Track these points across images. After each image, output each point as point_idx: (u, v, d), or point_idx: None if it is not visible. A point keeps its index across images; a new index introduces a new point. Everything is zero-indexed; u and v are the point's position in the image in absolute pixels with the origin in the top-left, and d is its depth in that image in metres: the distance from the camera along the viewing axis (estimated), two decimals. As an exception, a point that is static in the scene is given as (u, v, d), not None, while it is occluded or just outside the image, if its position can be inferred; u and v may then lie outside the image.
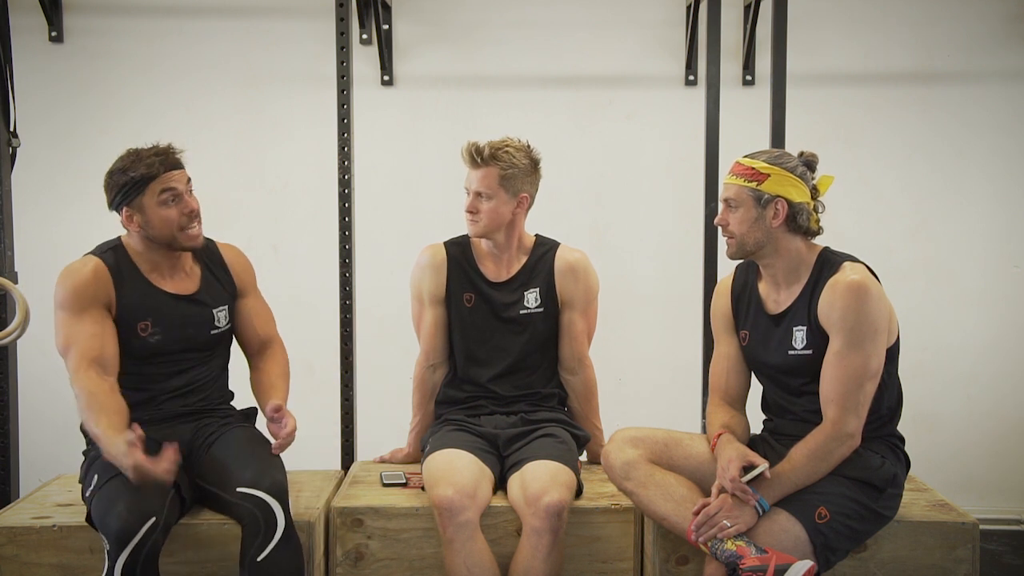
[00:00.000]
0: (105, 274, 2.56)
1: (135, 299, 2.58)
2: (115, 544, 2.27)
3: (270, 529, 2.40)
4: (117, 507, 2.30)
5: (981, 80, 4.09)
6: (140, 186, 2.53)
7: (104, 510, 2.33)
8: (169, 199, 2.55)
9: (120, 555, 2.26)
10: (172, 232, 2.57)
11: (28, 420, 3.39)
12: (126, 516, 2.27)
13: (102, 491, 2.39)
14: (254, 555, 2.40)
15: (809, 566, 2.25)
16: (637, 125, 4.15)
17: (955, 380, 4.16)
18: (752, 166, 2.48)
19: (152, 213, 2.55)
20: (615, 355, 3.71)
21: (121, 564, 2.26)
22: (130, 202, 2.55)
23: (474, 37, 4.15)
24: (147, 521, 2.28)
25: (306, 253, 4.14)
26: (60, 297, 2.53)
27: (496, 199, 2.84)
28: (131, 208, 2.56)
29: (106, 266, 2.57)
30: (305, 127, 4.11)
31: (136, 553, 2.26)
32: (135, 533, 2.26)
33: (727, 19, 3.68)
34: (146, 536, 2.27)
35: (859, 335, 2.37)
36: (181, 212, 2.57)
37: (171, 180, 2.56)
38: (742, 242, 2.50)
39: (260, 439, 2.64)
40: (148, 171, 2.53)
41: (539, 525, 2.52)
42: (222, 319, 2.72)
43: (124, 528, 2.26)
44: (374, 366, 3.70)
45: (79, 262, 2.59)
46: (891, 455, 2.50)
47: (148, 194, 2.54)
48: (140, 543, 2.26)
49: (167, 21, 4.12)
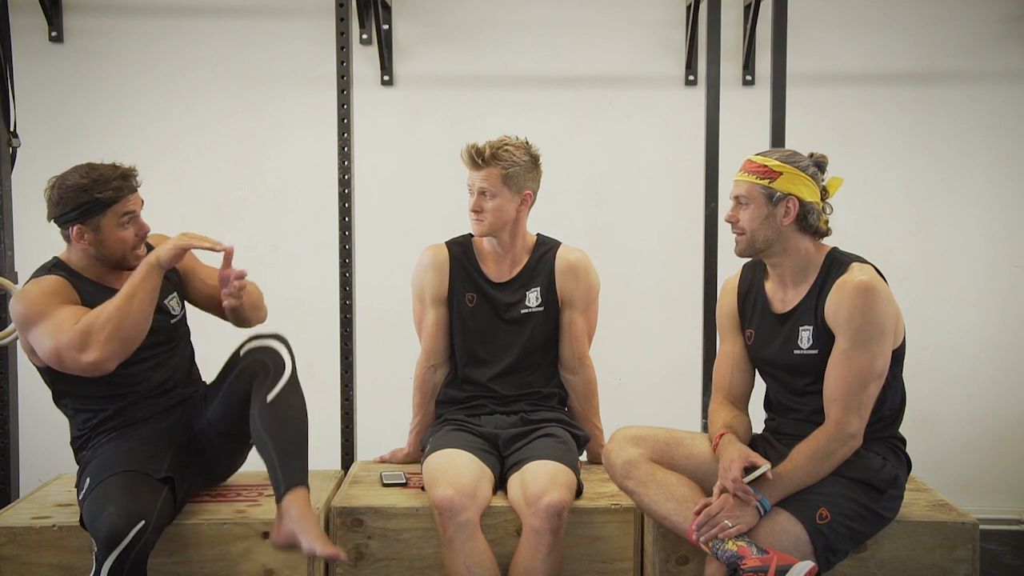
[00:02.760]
0: (66, 284, 2.54)
1: (96, 303, 2.53)
2: (103, 546, 2.26)
3: (279, 371, 2.52)
4: (107, 510, 2.29)
5: (981, 80, 4.09)
6: (102, 207, 2.52)
7: (94, 512, 2.33)
8: (127, 221, 2.56)
9: (108, 558, 2.25)
10: (124, 252, 2.57)
11: (28, 420, 3.39)
12: (115, 519, 2.26)
13: (93, 494, 2.39)
14: (264, 395, 2.49)
15: (810, 567, 2.25)
16: (637, 125, 4.16)
17: (955, 380, 4.16)
18: (765, 164, 2.48)
19: (109, 234, 2.54)
20: (615, 355, 3.71)
21: (108, 567, 2.25)
22: (86, 221, 2.53)
23: (474, 37, 4.15)
24: (136, 524, 2.27)
25: (306, 253, 4.14)
26: (25, 313, 2.46)
27: (500, 197, 2.84)
28: (85, 227, 2.54)
29: (63, 279, 2.55)
30: (305, 127, 4.11)
31: (124, 556, 2.25)
32: (124, 536, 2.25)
33: (727, 19, 3.69)
34: (135, 539, 2.26)
35: (866, 336, 2.37)
36: (136, 234, 2.57)
37: (131, 203, 2.56)
38: (752, 239, 2.50)
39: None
40: (115, 195, 2.52)
41: (539, 525, 2.52)
42: (176, 307, 2.71)
43: (113, 531, 2.25)
44: (374, 366, 3.70)
45: (31, 283, 2.54)
46: (892, 456, 2.50)
47: (109, 215, 2.53)
48: (129, 546, 2.25)
49: (167, 21, 4.12)
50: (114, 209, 2.53)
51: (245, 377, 2.56)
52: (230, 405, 2.60)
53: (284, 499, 2.44)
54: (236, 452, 2.78)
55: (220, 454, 2.73)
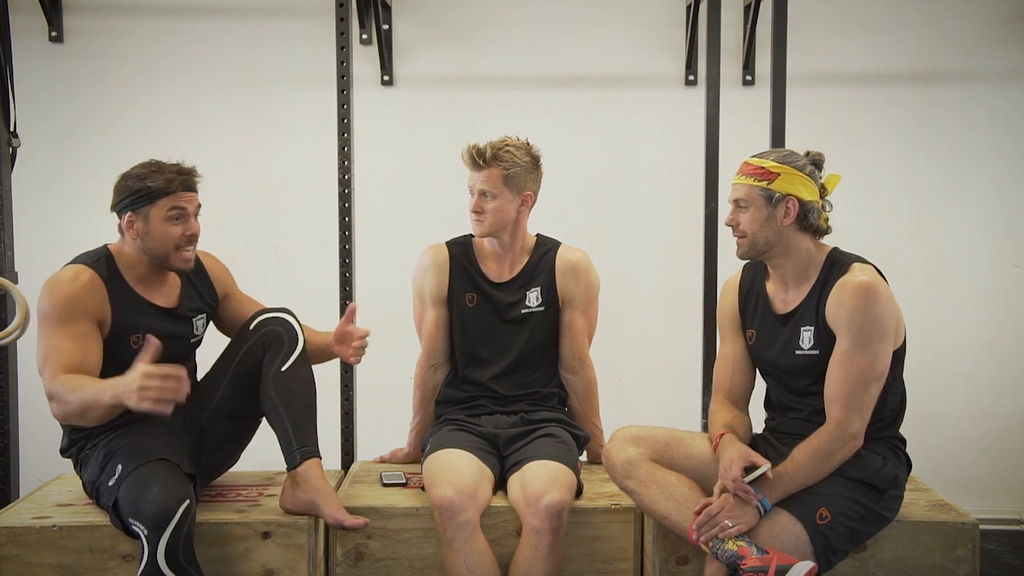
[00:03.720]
0: (100, 286, 2.53)
1: (128, 312, 2.55)
2: (153, 528, 2.24)
3: (292, 342, 2.59)
4: (151, 491, 2.28)
5: (981, 80, 4.09)
6: (153, 197, 2.53)
7: (136, 495, 2.31)
8: (176, 216, 2.55)
9: (160, 538, 2.23)
10: (168, 249, 2.57)
11: (28, 420, 3.38)
12: (162, 499, 2.25)
13: (130, 478, 2.37)
14: (279, 366, 2.57)
15: (810, 567, 2.25)
16: (637, 125, 4.16)
17: (955, 380, 4.16)
18: (762, 165, 2.48)
19: (155, 226, 2.55)
20: (615, 355, 3.71)
21: (163, 547, 2.23)
22: (137, 209, 2.54)
23: (474, 37, 4.15)
24: (183, 503, 2.27)
25: (306, 253, 4.14)
26: (46, 308, 2.47)
27: (501, 198, 2.84)
28: (135, 215, 2.55)
29: (100, 278, 2.54)
30: (305, 127, 4.11)
31: (176, 536, 2.24)
32: (173, 514, 2.24)
33: (727, 19, 3.68)
34: (183, 518, 2.26)
35: (867, 336, 2.37)
36: (183, 233, 2.57)
37: (183, 199, 2.56)
38: (753, 242, 2.49)
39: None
40: (166, 185, 2.53)
41: (539, 525, 2.52)
42: (200, 327, 2.73)
43: (161, 510, 2.24)
44: (374, 366, 3.69)
45: (69, 272, 2.52)
46: (892, 456, 2.50)
47: (158, 207, 2.54)
48: (178, 525, 2.25)
49: (167, 21, 4.12)
50: (164, 201, 2.54)
51: (258, 348, 2.60)
52: (241, 378, 2.63)
53: (300, 467, 2.49)
54: (241, 435, 2.78)
55: (226, 441, 2.73)
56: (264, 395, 2.56)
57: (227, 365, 2.67)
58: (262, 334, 2.61)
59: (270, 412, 2.56)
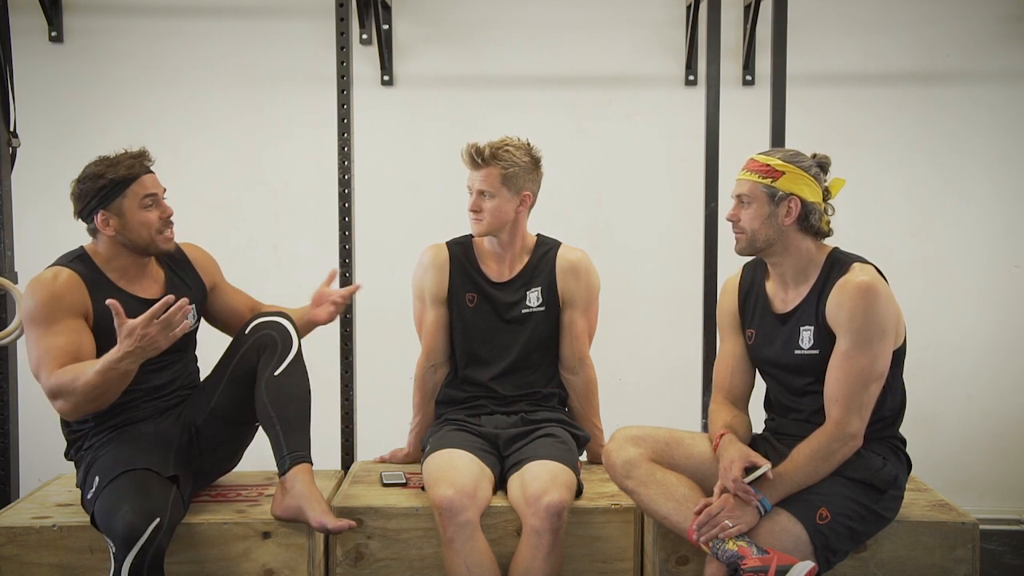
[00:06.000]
0: (80, 283, 2.54)
1: (108, 312, 2.53)
2: (121, 545, 2.27)
3: (287, 346, 2.60)
4: (122, 508, 2.30)
5: (981, 80, 4.09)
6: (120, 188, 2.55)
7: (109, 512, 2.33)
8: (149, 203, 2.59)
9: (127, 556, 2.26)
10: (150, 235, 2.59)
11: (28, 420, 3.38)
12: (131, 517, 2.27)
13: (105, 492, 2.39)
14: (272, 370, 2.56)
15: (810, 567, 2.25)
16: (637, 125, 4.16)
17: (955, 380, 4.16)
18: (768, 163, 2.48)
19: (132, 216, 2.57)
20: (615, 355, 3.71)
21: (128, 565, 2.26)
22: (107, 205, 2.56)
23: (474, 37, 4.15)
24: (152, 521, 2.28)
25: (306, 253, 4.13)
26: (30, 309, 2.50)
27: (499, 197, 2.84)
28: (108, 212, 2.56)
29: (79, 275, 2.55)
30: (305, 127, 4.11)
31: (143, 553, 2.26)
32: (141, 533, 2.26)
33: (727, 19, 3.68)
34: (152, 536, 2.27)
35: (867, 336, 2.37)
36: (160, 216, 2.60)
37: (150, 186, 2.60)
38: (752, 238, 2.49)
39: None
40: (129, 172, 2.56)
41: (539, 525, 2.52)
42: (190, 316, 2.71)
43: (130, 529, 2.26)
44: (374, 366, 3.70)
45: (48, 273, 2.55)
46: (892, 456, 2.50)
47: (129, 196, 2.56)
48: (147, 543, 2.27)
49: (167, 21, 4.13)
50: (133, 190, 2.56)
51: (253, 352, 2.61)
52: (238, 383, 2.63)
53: (288, 473, 2.50)
54: (239, 439, 2.79)
55: (222, 444, 2.74)
56: (257, 400, 2.57)
57: (224, 369, 2.67)
58: (257, 338, 2.62)
59: (263, 417, 2.57)
